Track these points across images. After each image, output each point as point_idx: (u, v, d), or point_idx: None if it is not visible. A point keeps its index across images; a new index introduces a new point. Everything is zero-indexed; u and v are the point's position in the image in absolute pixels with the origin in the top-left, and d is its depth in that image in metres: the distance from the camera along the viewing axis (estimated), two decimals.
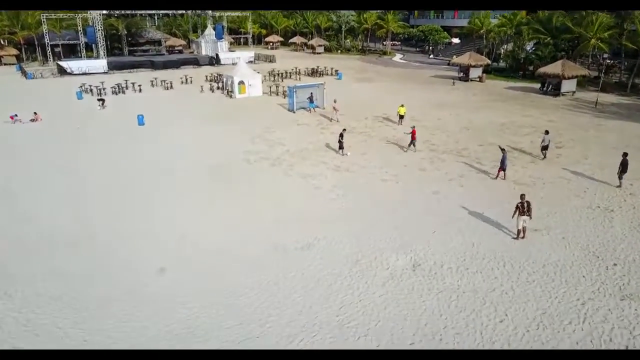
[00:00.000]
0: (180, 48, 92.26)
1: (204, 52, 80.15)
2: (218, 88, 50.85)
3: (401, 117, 35.11)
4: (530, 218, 17.14)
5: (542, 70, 47.39)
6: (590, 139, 31.12)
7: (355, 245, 17.13)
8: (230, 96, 46.61)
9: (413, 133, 28.13)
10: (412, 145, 28.40)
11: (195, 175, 24.39)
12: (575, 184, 23.18)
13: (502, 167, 23.59)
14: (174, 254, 16.49)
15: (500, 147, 24.44)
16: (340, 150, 27.64)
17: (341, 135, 27.61)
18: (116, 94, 48.01)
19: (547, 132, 27.24)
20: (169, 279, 15.02)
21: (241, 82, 46.15)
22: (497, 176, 23.81)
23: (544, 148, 27.03)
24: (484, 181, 23.64)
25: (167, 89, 51.08)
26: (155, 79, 53.85)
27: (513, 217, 17.32)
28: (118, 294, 14.22)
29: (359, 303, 13.74)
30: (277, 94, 47.47)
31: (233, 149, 29.03)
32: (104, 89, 48.10)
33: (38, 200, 21.21)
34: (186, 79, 54.99)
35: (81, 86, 48.37)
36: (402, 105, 35.25)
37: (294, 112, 39.28)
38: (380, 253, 16.54)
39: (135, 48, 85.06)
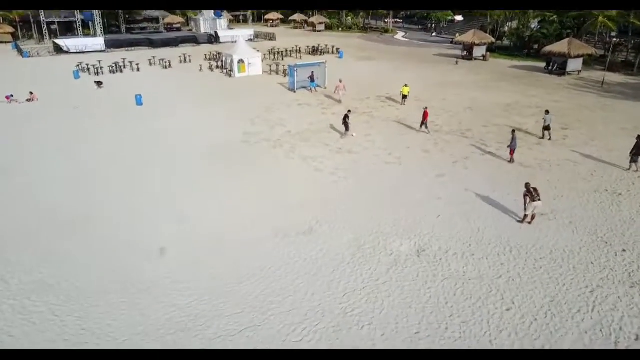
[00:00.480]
0: (178, 26, 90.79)
1: (202, 30, 78.80)
2: (217, 67, 50.02)
3: (404, 97, 34.44)
4: (541, 202, 16.69)
5: (547, 48, 46.43)
6: (597, 120, 30.53)
7: (358, 230, 16.77)
8: (230, 75, 45.83)
9: (425, 114, 27.44)
10: (424, 127, 27.73)
11: (194, 157, 23.92)
12: (583, 166, 22.72)
13: (513, 149, 23.13)
14: (172, 239, 16.13)
15: (512, 130, 24.04)
16: (346, 132, 26.97)
17: (346, 117, 26.90)
18: (114, 73, 47.22)
19: (547, 112, 26.72)
20: (167, 264, 14.69)
21: (241, 61, 45.32)
22: (511, 159, 23.32)
23: (546, 128, 26.64)
24: (489, 163, 23.18)
25: (166, 67, 50.23)
26: (154, 57, 52.92)
27: (525, 207, 16.87)
28: (116, 280, 13.91)
29: (362, 290, 13.44)
30: (278, 73, 46.68)
31: (233, 129, 28.49)
32: (101, 68, 47.30)
33: (34, 182, 20.80)
34: (185, 58, 54.05)
35: (78, 65, 47.50)
36: (406, 85, 34.56)
37: (294, 92, 38.60)
38: (384, 238, 16.20)
39: (132, 26, 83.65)
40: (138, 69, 48.71)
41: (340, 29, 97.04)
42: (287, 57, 56.90)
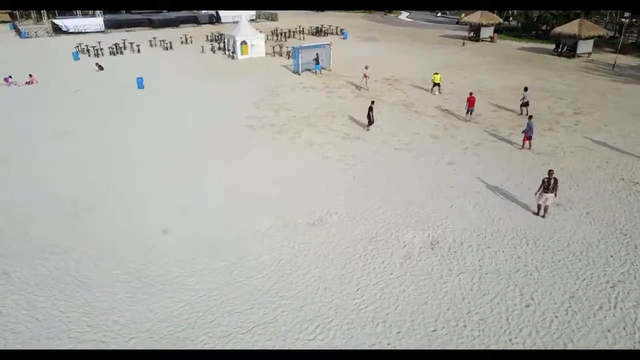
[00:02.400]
0: None
1: (203, 10, 77.21)
2: (219, 48, 49.04)
3: (436, 85, 32.16)
4: (555, 196, 16.14)
5: (557, 30, 45.42)
6: (609, 104, 29.83)
7: (369, 220, 16.31)
8: (232, 57, 44.94)
9: (470, 100, 26.29)
10: (469, 114, 26.82)
11: (197, 143, 23.34)
12: (597, 153, 22.15)
13: (528, 136, 22.38)
14: (177, 229, 15.68)
15: (528, 115, 23.47)
16: (369, 125, 25.21)
17: (370, 109, 24.96)
18: (114, 55, 46.33)
19: (526, 89, 27.35)
20: (174, 256, 14.26)
21: (243, 43, 44.39)
22: (523, 146, 22.75)
23: (524, 105, 27.17)
24: (501, 150, 22.60)
25: (167, 49, 49.27)
26: (154, 38, 51.89)
27: (537, 193, 16.36)
28: (121, 273, 13.50)
29: (376, 285, 13.02)
30: (281, 55, 45.77)
31: (236, 114, 27.87)
32: (101, 49, 46.39)
33: (35, 169, 20.28)
34: (186, 39, 53.01)
35: (77, 46, 46.57)
36: (437, 73, 32.28)
37: (299, 74, 37.81)
38: (396, 229, 15.74)
39: None
40: (138, 50, 47.78)
41: (340, 10, 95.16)
42: (290, 38, 55.84)
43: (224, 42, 48.17)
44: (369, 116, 24.91)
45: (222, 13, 71.60)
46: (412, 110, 28.50)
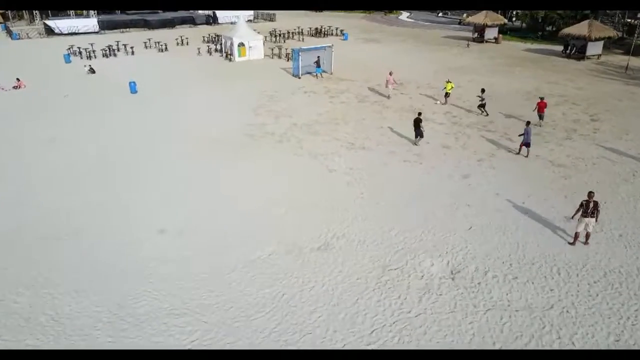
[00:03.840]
0: None
1: (200, 10, 75.57)
2: (216, 50, 47.39)
3: (447, 95, 29.54)
4: (597, 222, 14.55)
5: (566, 31, 43.86)
6: (627, 110, 28.33)
7: (380, 244, 14.76)
8: (230, 59, 43.30)
9: (541, 105, 24.96)
10: (540, 120, 25.40)
11: (192, 153, 21.75)
12: (621, 165, 20.64)
13: (525, 142, 21.34)
14: (169, 256, 14.09)
15: (526, 122, 22.11)
16: (420, 138, 22.87)
17: (419, 121, 22.57)
18: (107, 57, 44.57)
19: (483, 91, 27.06)
20: (163, 290, 12.67)
21: (241, 44, 42.77)
22: (520, 151, 21.71)
23: (481, 106, 26.93)
24: (518, 161, 21.08)
25: (162, 51, 47.57)
26: (149, 39, 50.17)
27: (573, 217, 14.81)
28: (104, 311, 11.91)
29: (392, 326, 11.46)
30: (280, 57, 44.15)
31: (234, 121, 26.28)
32: (93, 51, 44.67)
33: (17, 183, 18.64)
34: (182, 40, 51.28)
35: (69, 48, 44.85)
36: (449, 81, 29.48)
37: (299, 78, 36.22)
38: (411, 255, 14.18)
39: None
40: (132, 53, 46.07)
41: (341, 10, 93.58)
42: (289, 40, 54.21)
43: (221, 44, 46.55)
44: (417, 129, 22.68)
45: (219, 13, 69.96)
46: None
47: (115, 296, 12.42)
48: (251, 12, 73.42)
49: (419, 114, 23.18)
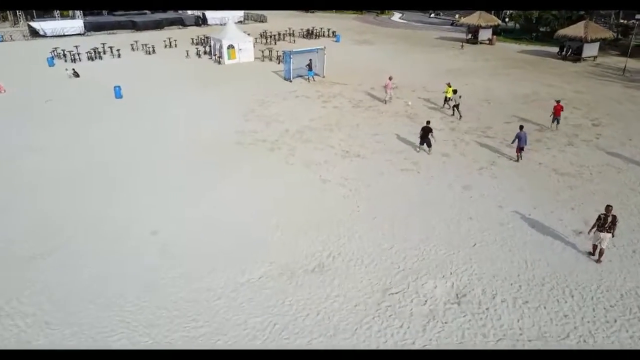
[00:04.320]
0: None
1: (189, 11, 74.23)
2: (205, 52, 46.18)
3: (448, 99, 28.33)
4: (613, 236, 13.64)
5: (561, 32, 43.13)
6: (628, 114, 27.55)
7: (379, 264, 13.73)
8: (219, 62, 42.12)
9: (557, 109, 24.21)
10: (555, 123, 24.69)
11: (177, 164, 20.61)
12: (628, 173, 19.79)
13: (520, 147, 20.66)
14: (148, 281, 12.97)
15: (519, 125, 21.58)
16: (428, 148, 21.91)
17: (429, 130, 21.46)
18: (92, 60, 43.19)
19: (455, 92, 26.76)
20: (142, 320, 11.55)
21: (231, 47, 41.60)
22: (519, 157, 20.98)
23: (456, 107, 26.59)
24: (520, 170, 20.15)
25: (149, 53, 46.26)
26: (136, 42, 48.84)
27: (590, 232, 13.89)
28: (74, 345, 10.77)
29: None
30: (271, 59, 43.06)
31: (223, 127, 25.16)
32: (78, 54, 43.27)
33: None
34: (170, 42, 50.00)
35: (53, 51, 43.48)
36: (450, 85, 28.35)
37: (290, 81, 35.13)
38: (413, 276, 13.17)
39: None
40: (119, 55, 44.69)
41: (334, 10, 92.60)
42: (280, 41, 53.10)
43: (210, 46, 45.36)
44: (426, 139, 21.64)
45: (208, 14, 68.70)
46: (417, 122, 25.91)
47: (86, 329, 11.28)
48: (241, 13, 72.27)
49: (428, 122, 22.05)
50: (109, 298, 12.27)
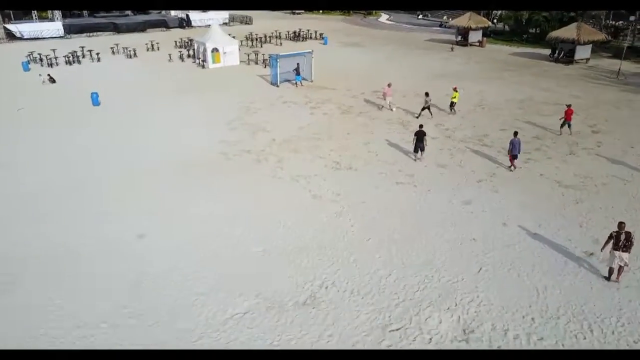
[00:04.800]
0: None
1: (173, 13, 72.39)
2: (189, 56, 44.61)
3: (453, 104, 27.33)
4: (629, 253, 12.53)
5: (554, 34, 42.32)
6: (627, 120, 26.66)
7: (377, 295, 12.47)
8: (203, 66, 40.62)
9: (569, 113, 23.35)
10: (566, 127, 23.81)
11: (155, 181, 19.17)
12: (634, 184, 18.78)
13: (513, 154, 19.81)
14: (120, 318, 11.55)
15: (514, 132, 20.61)
16: (420, 153, 20.99)
17: (424, 134, 20.59)
18: (70, 64, 41.41)
19: (427, 94, 26.26)
20: None
21: (215, 50, 40.11)
22: (512, 166, 20.15)
23: (426, 108, 26.15)
24: (521, 182, 19.04)
25: (130, 57, 44.58)
26: (117, 45, 47.07)
27: (602, 250, 12.80)
28: None
29: None
30: (257, 63, 41.66)
31: (206, 137, 23.76)
32: (55, 58, 41.45)
33: None
34: (152, 45, 48.34)
35: (29, 55, 41.59)
36: (456, 90, 27.24)
37: (277, 86, 33.79)
38: (415, 309, 11.92)
39: None
40: (98, 59, 42.96)
41: (321, 11, 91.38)
42: (266, 44, 51.66)
43: (194, 49, 43.81)
44: (420, 144, 20.66)
45: (193, 16, 67.00)
46: (410, 130, 24.73)
47: None
48: (226, 15, 70.72)
49: (421, 126, 21.22)
50: (65, 346, 10.83)
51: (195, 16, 67.06)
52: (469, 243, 14.80)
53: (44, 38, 54.11)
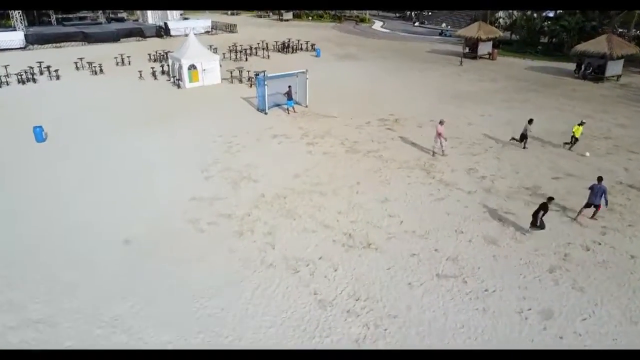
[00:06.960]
0: (123, 15, 77.61)
1: (150, 21, 66.46)
2: (163, 72, 38.78)
3: (575, 140, 22.37)
4: None
5: (580, 47, 37.23)
6: None
7: None
8: (179, 85, 34.81)
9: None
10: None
11: (100, 268, 13.45)
12: None
13: (594, 203, 15.54)
14: None
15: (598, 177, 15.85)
16: (536, 228, 15.24)
17: (545, 208, 14.93)
18: (23, 83, 35.26)
19: (530, 122, 22.35)
20: None
21: (192, 67, 34.34)
22: (578, 216, 15.82)
23: (523, 137, 22.45)
24: (608, 272, 13.61)
25: (96, 73, 38.59)
26: (81, 59, 41.01)
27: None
28: None
29: None
30: (241, 81, 36.02)
31: (174, 192, 18.11)
32: (7, 76, 35.40)
33: None
34: (122, 59, 42.39)
35: None
36: (580, 124, 22.31)
37: (265, 113, 28.15)
38: None
39: (69, 15, 69.97)
40: (57, 77, 36.90)
41: (310, 18, 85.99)
42: (252, 57, 46.05)
43: (169, 65, 37.96)
44: (537, 217, 14.99)
45: (171, 25, 61.18)
46: (436, 180, 19.33)
47: None
48: (208, 23, 65.07)
49: (549, 198, 15.29)
50: None
51: (174, 25, 61.26)
52: None
53: (2, 50, 47.83)
